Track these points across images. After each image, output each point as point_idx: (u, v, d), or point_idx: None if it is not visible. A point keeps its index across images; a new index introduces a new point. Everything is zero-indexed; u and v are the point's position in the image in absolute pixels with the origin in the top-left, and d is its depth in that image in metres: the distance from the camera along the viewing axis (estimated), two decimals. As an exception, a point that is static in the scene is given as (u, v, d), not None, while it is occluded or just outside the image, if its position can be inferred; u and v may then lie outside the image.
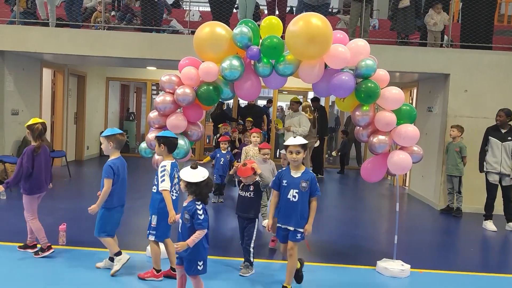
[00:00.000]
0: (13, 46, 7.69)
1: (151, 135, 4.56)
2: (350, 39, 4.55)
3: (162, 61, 8.10)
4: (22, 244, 4.65)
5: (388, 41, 8.46)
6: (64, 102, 10.28)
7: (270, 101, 12.82)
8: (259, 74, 4.48)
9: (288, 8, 10.32)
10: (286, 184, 3.87)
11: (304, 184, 3.78)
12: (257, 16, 8.81)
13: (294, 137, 3.98)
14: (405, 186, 9.83)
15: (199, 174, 3.30)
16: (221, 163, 7.41)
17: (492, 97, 7.53)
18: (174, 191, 4.02)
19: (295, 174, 3.85)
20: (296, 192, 3.80)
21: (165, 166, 3.92)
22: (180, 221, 3.41)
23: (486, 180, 6.57)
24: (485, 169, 6.56)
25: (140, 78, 12.92)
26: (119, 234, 4.41)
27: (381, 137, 4.48)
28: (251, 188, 4.33)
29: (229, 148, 7.66)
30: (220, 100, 4.85)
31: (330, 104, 13.31)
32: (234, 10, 8.68)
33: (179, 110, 4.58)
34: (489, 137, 6.53)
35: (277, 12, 8.47)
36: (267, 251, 5.09)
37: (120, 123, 14.10)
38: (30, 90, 8.83)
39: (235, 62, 4.31)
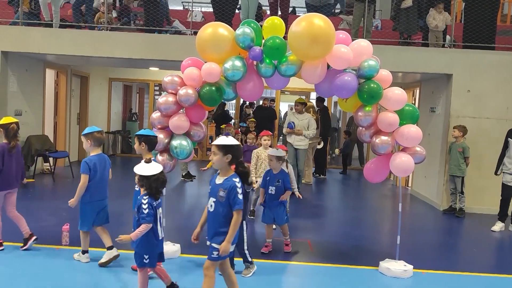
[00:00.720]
0: (17, 47, 7.72)
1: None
2: (352, 40, 4.55)
3: (165, 62, 8.11)
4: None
5: (390, 42, 8.46)
6: (67, 102, 10.31)
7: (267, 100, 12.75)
8: (261, 74, 4.48)
9: (290, 9, 10.32)
10: (209, 191, 3.39)
11: (221, 193, 3.24)
12: (260, 16, 8.81)
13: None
14: (407, 186, 9.82)
15: (151, 168, 3.45)
16: None
17: (495, 97, 7.52)
18: None
19: (218, 180, 3.33)
20: (213, 201, 3.29)
21: None
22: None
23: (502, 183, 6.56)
24: (499, 172, 6.53)
25: (143, 79, 12.95)
26: (119, 233, 4.41)
27: (384, 137, 4.48)
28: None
29: None
30: (222, 100, 4.85)
31: (332, 104, 13.30)
32: (237, 11, 8.68)
33: (181, 110, 4.59)
34: (508, 138, 6.48)
35: (279, 13, 8.47)
36: (258, 251, 5.08)
37: (123, 123, 14.13)
38: (33, 91, 8.86)
39: (238, 63, 4.31)
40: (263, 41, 4.41)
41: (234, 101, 13.68)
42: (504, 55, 7.65)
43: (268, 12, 9.16)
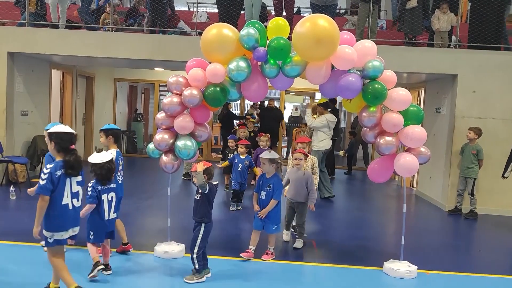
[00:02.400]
0: (23, 48, 7.78)
1: (159, 136, 4.59)
2: (357, 40, 4.55)
3: (170, 63, 8.14)
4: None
5: (395, 42, 8.44)
6: (72, 103, 10.37)
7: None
8: (266, 75, 4.49)
9: (295, 9, 10.33)
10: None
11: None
12: (264, 17, 8.82)
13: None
14: (412, 187, 9.79)
15: (100, 157, 3.97)
16: (239, 169, 7.00)
17: (501, 98, 7.48)
18: (120, 175, 4.47)
19: None
20: None
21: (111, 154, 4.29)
22: None
23: None
24: (506, 175, 6.49)
25: (148, 79, 13.01)
26: (126, 233, 4.44)
27: (388, 138, 4.47)
28: (199, 190, 4.12)
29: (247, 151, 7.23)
30: (227, 101, 4.87)
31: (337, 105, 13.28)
32: (242, 12, 8.70)
33: (186, 111, 4.61)
34: None
35: (284, 13, 8.48)
36: (264, 251, 5.08)
37: (128, 124, 14.19)
38: (39, 91, 8.92)
39: (242, 64, 4.32)
40: (268, 41, 4.42)
41: (238, 102, 13.71)
42: (510, 56, 7.61)
43: (273, 13, 9.17)
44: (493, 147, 7.33)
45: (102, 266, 3.99)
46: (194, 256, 4.04)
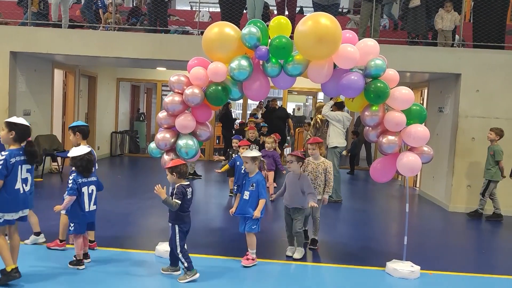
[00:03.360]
0: (25, 47, 7.78)
1: (160, 135, 4.58)
2: (360, 39, 4.52)
3: (172, 62, 8.13)
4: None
5: (398, 41, 8.41)
6: (75, 102, 10.38)
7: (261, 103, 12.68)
8: (267, 74, 4.47)
9: (298, 8, 10.30)
10: None
11: None
12: (267, 16, 8.80)
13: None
14: (415, 187, 9.75)
15: (78, 151, 4.23)
16: (242, 171, 6.66)
17: (504, 97, 7.44)
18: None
19: None
20: None
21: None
22: None
23: None
24: None
25: (150, 79, 13.01)
26: (125, 233, 4.43)
27: (391, 137, 4.44)
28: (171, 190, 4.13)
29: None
30: (228, 100, 4.85)
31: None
32: (244, 11, 8.68)
33: (187, 110, 4.59)
34: None
35: (286, 13, 8.46)
36: (267, 251, 5.07)
37: (131, 123, 14.20)
38: (42, 91, 8.93)
39: (244, 62, 4.31)
40: (269, 40, 4.40)
41: (241, 101, 13.72)
42: (514, 55, 7.57)
43: (275, 12, 9.15)
44: (497, 146, 7.28)
45: (83, 267, 4.22)
46: (180, 256, 4.03)
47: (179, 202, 3.97)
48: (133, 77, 12.88)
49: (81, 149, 4.25)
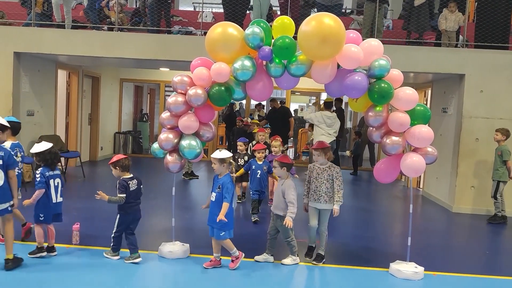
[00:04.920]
0: (29, 48, 7.80)
1: (163, 135, 4.58)
2: (363, 39, 4.51)
3: (175, 62, 8.14)
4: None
5: (402, 41, 8.38)
6: (78, 103, 10.39)
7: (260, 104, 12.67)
8: (271, 74, 4.46)
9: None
10: None
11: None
12: (270, 17, 8.79)
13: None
14: (419, 187, 9.73)
15: (42, 146, 4.43)
16: (258, 176, 6.24)
17: (508, 97, 7.41)
18: (17, 168, 4.56)
19: None
20: None
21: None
22: None
23: None
24: None
25: (154, 79, 13.02)
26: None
27: (395, 138, 4.43)
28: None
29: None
30: (231, 101, 4.84)
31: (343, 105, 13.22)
32: (248, 12, 8.68)
33: (191, 110, 4.59)
34: None
35: (289, 14, 8.44)
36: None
37: (134, 124, 14.22)
38: (45, 91, 8.94)
39: (247, 63, 4.30)
40: (273, 40, 4.39)
41: (244, 102, 13.71)
42: (518, 55, 7.54)
43: (279, 13, 9.14)
44: (501, 147, 7.24)
45: (45, 253, 4.46)
46: (112, 235, 4.48)
47: (123, 195, 4.36)
48: (136, 77, 12.89)
49: (44, 144, 4.48)
